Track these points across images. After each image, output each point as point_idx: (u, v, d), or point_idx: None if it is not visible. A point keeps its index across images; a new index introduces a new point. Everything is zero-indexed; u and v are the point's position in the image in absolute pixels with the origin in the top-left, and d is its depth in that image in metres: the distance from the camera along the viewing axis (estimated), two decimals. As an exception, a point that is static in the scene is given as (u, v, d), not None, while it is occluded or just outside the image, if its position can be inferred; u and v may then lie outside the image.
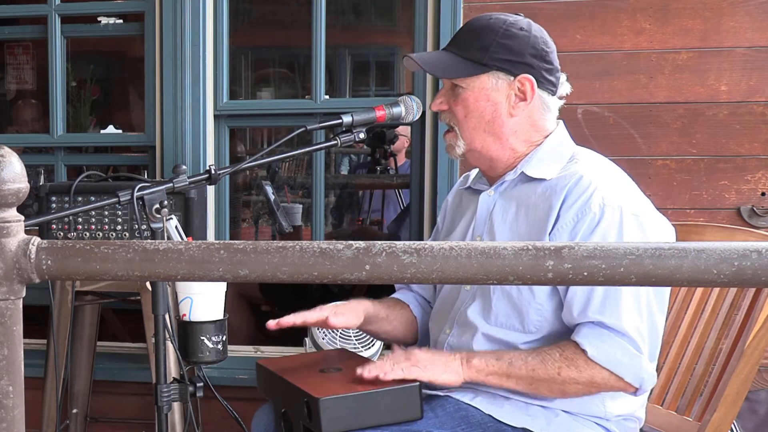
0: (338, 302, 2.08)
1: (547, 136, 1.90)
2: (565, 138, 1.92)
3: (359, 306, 2.01)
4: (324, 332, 2.73)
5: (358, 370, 1.79)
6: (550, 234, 1.76)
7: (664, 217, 1.86)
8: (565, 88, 1.92)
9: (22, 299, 1.03)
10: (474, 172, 2.06)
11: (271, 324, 1.90)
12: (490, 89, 1.84)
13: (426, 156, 2.89)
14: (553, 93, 1.89)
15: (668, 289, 1.84)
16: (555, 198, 1.78)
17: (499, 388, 1.78)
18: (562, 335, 1.78)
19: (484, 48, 1.84)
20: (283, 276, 0.97)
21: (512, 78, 1.84)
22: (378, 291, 3.62)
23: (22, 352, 1.04)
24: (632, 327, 1.71)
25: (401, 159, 5.02)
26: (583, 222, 1.74)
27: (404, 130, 4.88)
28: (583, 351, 1.71)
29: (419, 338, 2.08)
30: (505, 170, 1.90)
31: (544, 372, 1.73)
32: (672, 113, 2.73)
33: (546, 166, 1.85)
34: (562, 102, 1.92)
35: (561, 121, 1.94)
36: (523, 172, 1.87)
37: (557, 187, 1.80)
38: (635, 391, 1.76)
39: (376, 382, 1.77)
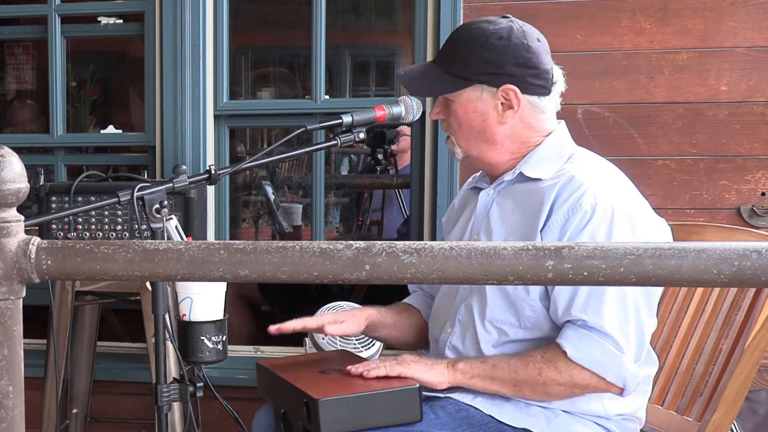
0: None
1: (548, 135, 1.90)
2: (565, 138, 1.92)
3: (362, 314, 2.01)
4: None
5: (350, 368, 1.82)
6: (541, 231, 1.77)
7: (661, 219, 1.86)
8: (560, 85, 1.91)
9: (22, 299, 1.03)
10: (479, 172, 2.06)
11: (272, 329, 1.91)
12: (476, 101, 1.86)
13: (426, 156, 2.89)
14: (545, 94, 1.87)
15: (657, 291, 1.84)
16: (547, 196, 1.79)
17: (486, 391, 1.79)
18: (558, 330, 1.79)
19: (465, 62, 1.85)
20: (283, 276, 0.97)
21: (495, 89, 1.84)
22: (379, 290, 3.61)
23: (22, 352, 1.04)
24: (614, 326, 1.71)
25: (406, 161, 4.98)
26: (573, 219, 1.75)
27: (409, 131, 4.85)
28: (564, 352, 1.72)
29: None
30: (506, 170, 1.91)
31: (526, 373, 1.74)
32: (672, 113, 2.72)
33: (543, 166, 1.86)
34: (559, 99, 1.91)
35: (563, 121, 1.94)
36: (521, 172, 1.87)
37: (550, 186, 1.80)
38: (621, 392, 1.76)
39: (376, 381, 1.78)
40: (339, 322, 1.97)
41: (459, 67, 1.86)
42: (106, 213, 2.54)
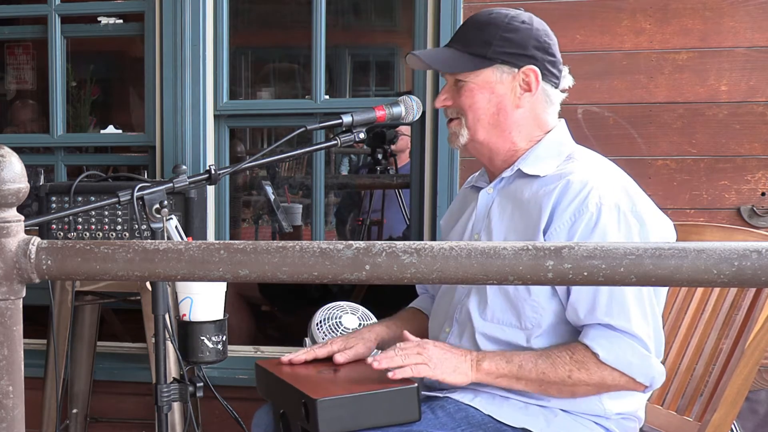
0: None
1: (548, 132, 1.90)
2: (565, 136, 1.92)
3: (370, 334, 1.99)
4: (324, 332, 2.73)
5: (369, 359, 1.77)
6: (545, 234, 1.76)
7: (665, 215, 1.86)
8: (567, 80, 1.93)
9: (22, 299, 1.03)
10: (478, 172, 2.06)
11: (284, 360, 1.91)
12: (495, 82, 1.85)
13: (426, 156, 2.89)
14: (556, 86, 1.89)
15: (665, 288, 1.84)
16: (546, 197, 1.78)
17: (509, 389, 1.78)
18: (560, 330, 1.79)
19: (487, 42, 1.84)
20: (283, 276, 0.97)
21: (516, 70, 1.84)
22: (379, 290, 3.61)
23: (22, 352, 1.04)
24: (639, 327, 1.71)
25: (404, 159, 5.00)
26: (580, 222, 1.74)
27: (407, 131, 4.86)
28: (594, 354, 1.71)
29: None
30: (504, 165, 1.91)
31: (555, 375, 1.74)
32: (672, 113, 2.72)
33: (542, 163, 1.85)
34: (564, 95, 1.93)
35: (563, 120, 1.94)
36: (519, 168, 1.87)
37: (549, 186, 1.80)
38: (644, 389, 1.77)
39: (375, 381, 1.77)
40: (349, 348, 1.94)
41: (480, 48, 1.85)
42: (106, 213, 2.54)
